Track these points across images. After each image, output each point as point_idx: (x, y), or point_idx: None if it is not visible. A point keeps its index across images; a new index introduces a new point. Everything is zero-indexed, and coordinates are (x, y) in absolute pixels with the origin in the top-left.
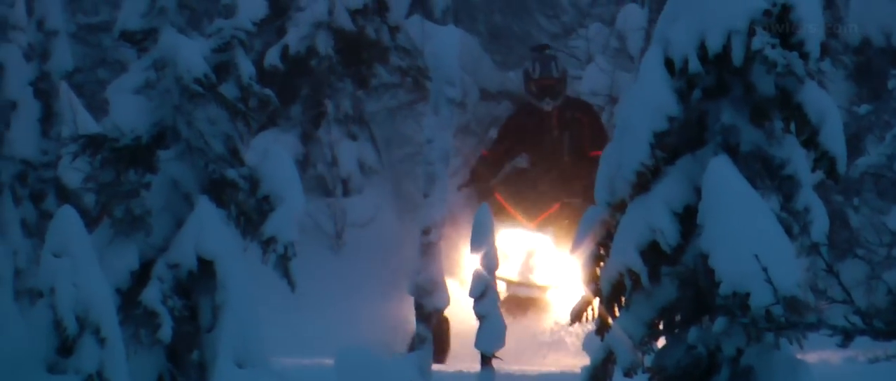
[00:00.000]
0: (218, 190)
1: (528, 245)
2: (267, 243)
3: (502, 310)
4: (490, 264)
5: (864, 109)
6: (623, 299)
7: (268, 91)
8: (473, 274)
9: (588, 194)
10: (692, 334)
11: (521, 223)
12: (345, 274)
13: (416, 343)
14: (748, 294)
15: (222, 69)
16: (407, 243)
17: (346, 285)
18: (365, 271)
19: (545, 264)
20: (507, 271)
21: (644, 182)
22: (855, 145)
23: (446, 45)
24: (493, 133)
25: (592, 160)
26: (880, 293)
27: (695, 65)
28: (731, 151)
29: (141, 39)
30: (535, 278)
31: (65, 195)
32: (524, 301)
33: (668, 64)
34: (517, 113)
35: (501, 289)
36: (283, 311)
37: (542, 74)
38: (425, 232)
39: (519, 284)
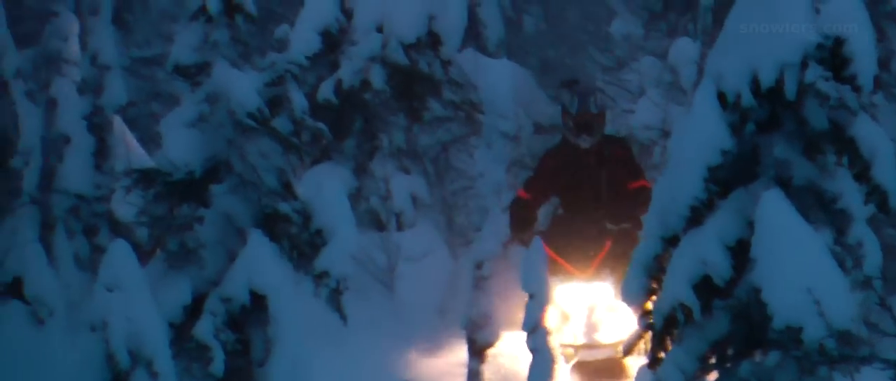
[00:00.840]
0: (270, 224)
1: (587, 299)
2: (319, 278)
3: None
4: (541, 299)
5: None
6: (675, 332)
7: (321, 125)
8: (526, 306)
9: (636, 221)
10: (745, 368)
11: (575, 275)
12: (397, 309)
13: (469, 378)
14: (801, 328)
15: (275, 103)
16: (460, 278)
17: (399, 320)
18: (418, 306)
19: (610, 318)
20: (569, 335)
21: (697, 216)
22: None
23: (499, 79)
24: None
25: (632, 193)
26: None
27: (748, 98)
28: (784, 184)
29: (194, 73)
30: (603, 337)
31: (118, 229)
32: (596, 366)
33: (721, 97)
34: (553, 151)
35: (568, 356)
36: (335, 345)
37: (581, 109)
38: (478, 266)
39: (586, 347)
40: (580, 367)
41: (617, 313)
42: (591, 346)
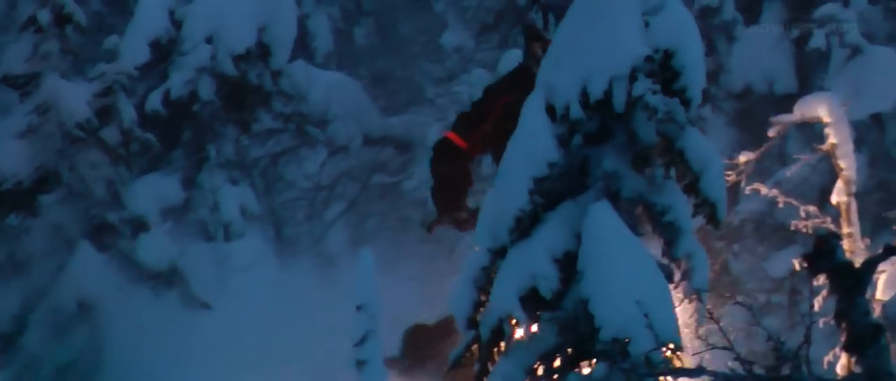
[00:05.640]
0: (99, 234)
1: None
2: None
3: None
4: (372, 311)
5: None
6: (503, 344)
7: (149, 135)
8: (356, 318)
9: None
10: (571, 379)
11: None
12: (226, 319)
13: None
14: (628, 340)
15: (104, 114)
16: (289, 287)
17: (228, 329)
18: (245, 316)
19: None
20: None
21: (524, 228)
22: (735, 192)
23: (329, 90)
24: (381, 178)
25: None
26: (760, 340)
27: (576, 111)
28: (613, 197)
29: (24, 84)
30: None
31: None
32: None
33: (550, 109)
34: (508, 83)
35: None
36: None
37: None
38: None
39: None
40: None
41: None
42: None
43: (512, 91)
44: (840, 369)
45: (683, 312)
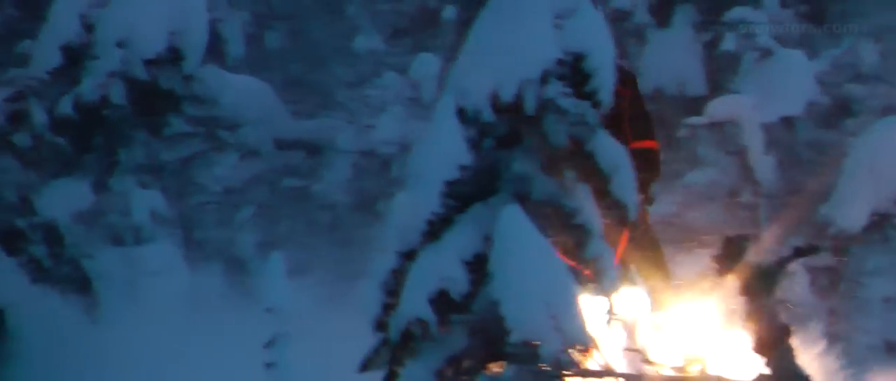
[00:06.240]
0: (9, 239)
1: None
2: None
3: None
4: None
5: None
6: (412, 346)
7: (60, 140)
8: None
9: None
10: None
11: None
12: (136, 323)
13: None
14: (538, 342)
15: (15, 118)
16: (199, 291)
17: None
18: (155, 320)
19: (649, 331)
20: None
21: (435, 231)
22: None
23: (241, 95)
24: (291, 182)
25: (636, 156)
26: None
27: (488, 114)
28: (523, 199)
29: None
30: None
31: None
32: None
33: (462, 113)
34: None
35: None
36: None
37: None
38: None
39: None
40: None
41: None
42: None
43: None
44: (749, 369)
45: (593, 313)
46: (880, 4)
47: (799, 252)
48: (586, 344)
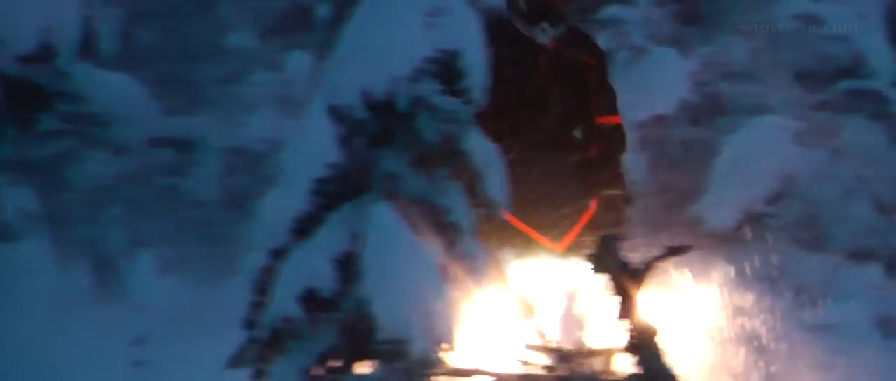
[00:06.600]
0: None
1: (562, 285)
2: None
3: None
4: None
5: None
6: (282, 344)
7: None
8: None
9: (621, 181)
10: (349, 380)
11: (543, 246)
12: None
13: None
14: (407, 341)
15: None
16: (68, 289)
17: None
18: (24, 318)
19: (601, 315)
20: (538, 338)
21: (305, 229)
22: None
23: (114, 92)
24: (162, 180)
25: (602, 132)
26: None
27: (359, 112)
28: (394, 198)
29: None
30: (590, 339)
31: None
32: None
33: (333, 111)
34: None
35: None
36: None
37: None
38: None
39: (565, 355)
40: None
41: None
42: (572, 355)
43: (491, 43)
44: (619, 369)
45: (462, 312)
46: (752, 3)
47: (671, 251)
48: (456, 343)
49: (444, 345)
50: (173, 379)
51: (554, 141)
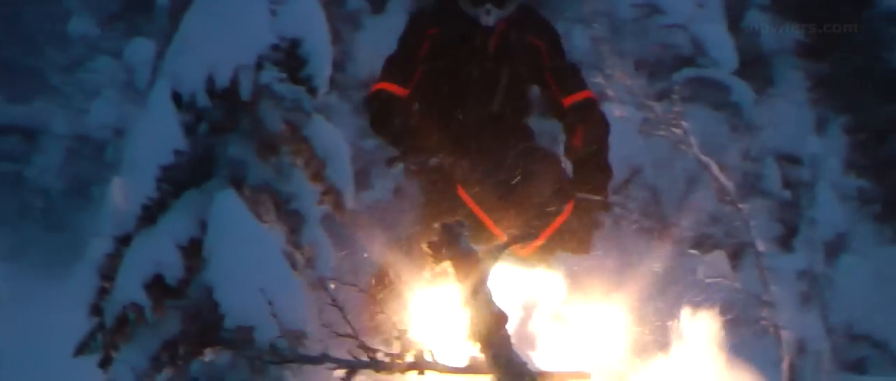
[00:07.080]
0: None
1: (524, 294)
2: None
3: None
4: None
5: (370, 143)
6: (127, 331)
7: None
8: None
9: (601, 178)
10: (196, 367)
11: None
12: None
13: None
14: (253, 328)
15: None
16: None
17: None
18: None
19: (559, 329)
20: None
21: (150, 215)
22: (362, 179)
23: None
24: (4, 166)
25: (572, 111)
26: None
27: (202, 99)
28: (238, 184)
29: None
30: (540, 360)
31: None
32: None
33: (176, 98)
34: (429, 15)
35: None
36: None
37: None
38: None
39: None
40: None
41: (574, 322)
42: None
43: (438, 22)
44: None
45: (309, 299)
46: None
47: (514, 240)
48: (303, 330)
49: (292, 331)
50: (18, 366)
51: (502, 128)
